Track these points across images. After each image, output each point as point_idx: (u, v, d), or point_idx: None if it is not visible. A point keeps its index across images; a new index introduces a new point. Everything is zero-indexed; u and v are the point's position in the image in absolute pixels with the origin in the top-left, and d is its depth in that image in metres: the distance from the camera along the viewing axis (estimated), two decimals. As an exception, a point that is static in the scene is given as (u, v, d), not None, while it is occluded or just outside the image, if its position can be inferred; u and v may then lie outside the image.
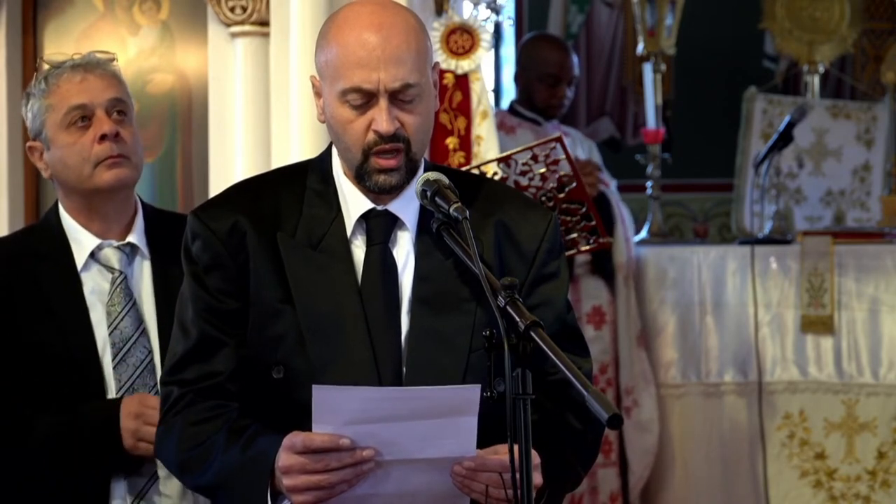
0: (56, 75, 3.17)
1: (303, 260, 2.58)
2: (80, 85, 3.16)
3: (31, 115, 3.21)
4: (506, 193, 2.77)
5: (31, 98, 3.21)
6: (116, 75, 3.22)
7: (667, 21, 6.56)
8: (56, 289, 3.14)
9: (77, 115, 3.15)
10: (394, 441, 2.37)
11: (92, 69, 3.18)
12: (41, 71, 3.22)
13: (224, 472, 2.52)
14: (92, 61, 3.20)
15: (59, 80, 3.16)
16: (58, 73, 3.17)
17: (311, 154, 2.89)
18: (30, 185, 4.86)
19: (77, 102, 3.15)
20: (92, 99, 3.16)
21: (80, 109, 3.15)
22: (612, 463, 5.95)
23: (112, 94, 3.17)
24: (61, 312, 3.13)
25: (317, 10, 4.53)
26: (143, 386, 3.14)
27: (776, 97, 7.02)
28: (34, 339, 3.11)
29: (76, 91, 3.15)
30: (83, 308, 3.15)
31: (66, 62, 3.19)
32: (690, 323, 6.00)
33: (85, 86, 3.16)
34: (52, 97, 3.17)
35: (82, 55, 3.22)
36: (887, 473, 5.78)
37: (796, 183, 6.70)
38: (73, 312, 3.14)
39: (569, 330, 2.68)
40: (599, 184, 5.87)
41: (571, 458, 2.61)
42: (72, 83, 3.16)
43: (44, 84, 3.18)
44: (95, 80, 3.17)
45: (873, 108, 6.85)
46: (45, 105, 3.17)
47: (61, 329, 3.12)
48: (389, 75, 2.51)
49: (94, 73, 3.18)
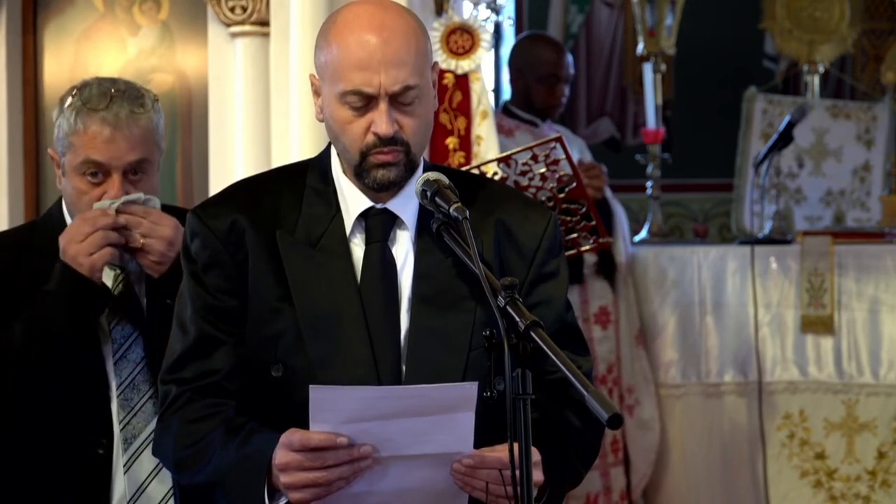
0: (88, 116, 3.10)
1: (302, 258, 2.59)
2: (105, 143, 3.10)
3: (57, 132, 3.16)
4: (505, 193, 2.77)
5: (62, 116, 3.14)
6: (148, 130, 3.14)
7: (667, 21, 6.56)
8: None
9: (92, 168, 3.12)
10: (391, 438, 2.37)
11: (123, 127, 3.10)
12: (82, 91, 3.14)
13: (221, 469, 2.52)
14: (125, 117, 3.11)
15: (88, 125, 3.10)
16: (90, 115, 3.10)
17: (310, 153, 2.90)
18: (30, 185, 4.86)
19: (96, 159, 3.11)
20: (111, 160, 3.11)
21: (97, 166, 3.12)
22: (620, 462, 5.96)
23: (134, 156, 3.12)
24: None
25: (317, 10, 4.53)
26: (144, 382, 3.15)
27: (776, 97, 7.02)
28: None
29: (99, 147, 3.10)
30: None
31: (102, 104, 3.10)
32: (690, 323, 6.00)
33: (109, 145, 3.10)
34: (77, 139, 3.12)
35: (122, 92, 3.12)
36: (887, 473, 5.78)
37: (796, 183, 6.71)
38: None
39: (568, 329, 2.68)
40: (605, 185, 5.86)
41: (572, 456, 2.61)
42: (98, 137, 3.10)
43: (74, 118, 3.11)
44: (122, 141, 3.10)
45: (873, 108, 6.86)
46: (69, 142, 3.13)
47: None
48: (389, 78, 2.51)
49: (123, 133, 3.10)
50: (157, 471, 3.14)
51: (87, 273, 3.07)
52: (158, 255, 3.10)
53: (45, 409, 3.13)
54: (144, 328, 3.15)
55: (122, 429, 3.14)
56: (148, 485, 3.15)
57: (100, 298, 3.11)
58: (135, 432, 3.15)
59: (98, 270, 3.08)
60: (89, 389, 3.13)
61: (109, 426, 3.14)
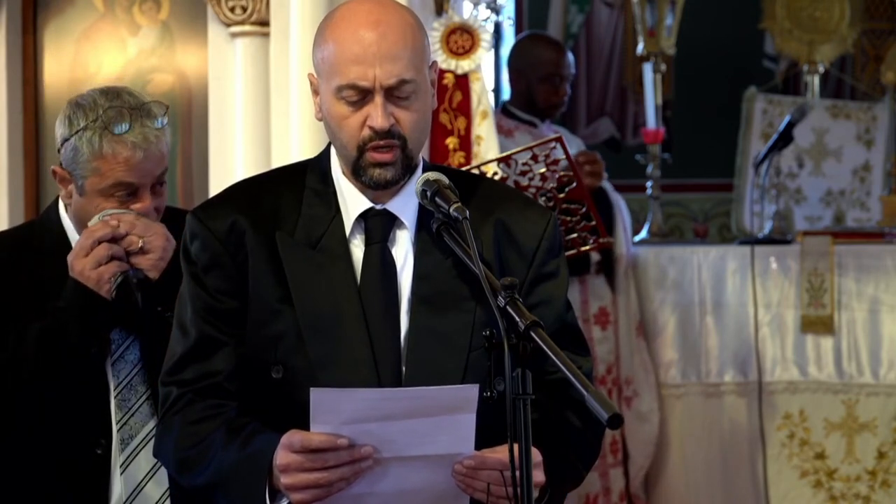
0: (116, 142, 3.08)
1: (302, 259, 2.59)
2: (137, 165, 3.10)
3: (71, 154, 3.13)
4: (505, 193, 2.77)
5: (77, 139, 3.11)
6: (168, 143, 3.16)
7: (667, 21, 6.56)
8: (55, 284, 3.13)
9: (124, 190, 3.12)
10: (392, 439, 2.37)
11: (152, 147, 3.10)
12: (94, 111, 3.11)
13: (222, 470, 2.52)
14: (153, 138, 3.10)
15: (118, 150, 3.08)
16: (118, 141, 3.08)
17: (310, 153, 2.90)
18: (30, 185, 4.86)
19: (128, 181, 3.11)
20: (142, 178, 3.12)
21: (128, 187, 3.12)
22: (619, 462, 5.96)
23: (160, 169, 3.15)
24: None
25: (317, 10, 4.53)
26: (141, 383, 3.15)
27: (776, 97, 7.02)
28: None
29: (132, 168, 3.10)
30: None
31: (126, 127, 3.08)
32: (690, 323, 6.00)
33: (140, 166, 3.10)
34: (104, 163, 3.10)
35: (137, 110, 3.11)
36: (887, 473, 5.78)
37: (796, 183, 6.71)
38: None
39: (569, 329, 2.68)
40: (603, 170, 5.86)
41: (572, 456, 2.61)
42: (130, 161, 3.09)
43: (98, 143, 3.09)
44: (151, 160, 3.11)
45: (873, 108, 6.86)
46: (93, 166, 3.10)
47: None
48: (385, 72, 2.51)
49: (153, 152, 3.10)
50: (154, 472, 3.14)
51: (94, 286, 3.07)
52: (161, 251, 3.10)
53: (45, 409, 3.13)
54: (141, 332, 3.15)
55: (120, 429, 3.14)
56: (144, 486, 3.15)
57: (109, 313, 3.11)
58: (132, 433, 3.14)
59: (105, 283, 3.08)
60: (89, 389, 3.13)
61: (108, 426, 3.14)
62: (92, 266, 3.07)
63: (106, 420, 3.14)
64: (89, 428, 3.14)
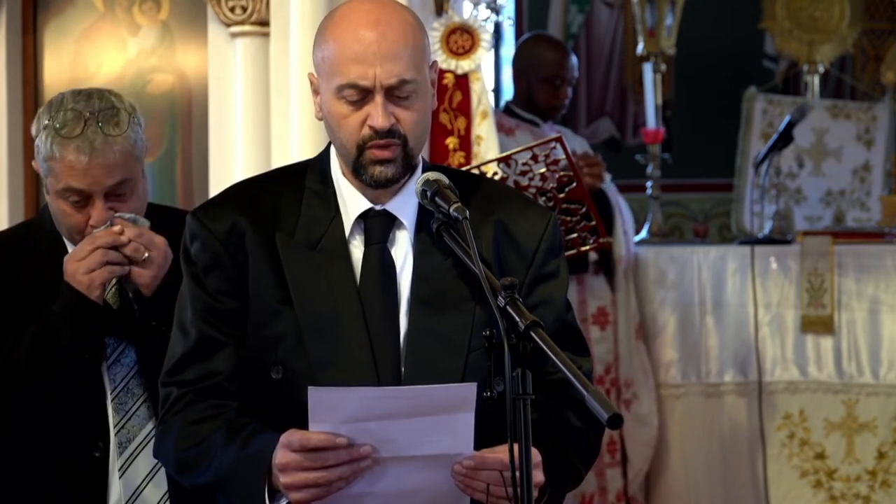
0: (62, 144, 3.04)
1: (302, 260, 2.59)
2: (83, 171, 3.04)
3: (36, 150, 3.11)
4: (505, 193, 2.78)
5: (39, 138, 3.09)
6: (125, 151, 3.07)
7: (667, 21, 6.56)
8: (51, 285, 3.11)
9: (74, 196, 3.08)
10: (391, 438, 2.37)
11: (98, 154, 3.04)
12: (57, 114, 3.07)
13: (222, 470, 2.52)
14: (100, 144, 3.04)
15: (64, 154, 3.04)
16: (64, 144, 3.04)
17: (310, 153, 2.90)
18: (30, 185, 4.86)
19: (76, 186, 3.07)
20: (91, 185, 3.06)
21: (78, 193, 3.08)
22: (617, 462, 5.96)
23: (113, 180, 3.07)
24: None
25: (317, 10, 4.53)
26: (137, 386, 3.15)
27: (776, 97, 7.02)
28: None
29: (78, 174, 3.05)
30: None
31: (76, 130, 3.04)
32: (690, 323, 6.00)
33: (87, 173, 3.05)
34: (55, 165, 3.07)
35: (97, 114, 3.06)
36: (887, 473, 5.78)
37: (796, 183, 6.71)
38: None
39: (568, 329, 2.68)
40: (603, 171, 5.86)
41: (572, 456, 2.61)
42: (75, 166, 3.04)
43: (50, 145, 3.05)
44: (99, 168, 3.05)
45: (873, 108, 6.86)
46: (48, 166, 3.08)
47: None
48: (385, 71, 2.51)
49: (99, 160, 3.04)
50: (153, 475, 3.14)
51: (84, 290, 3.05)
52: (157, 269, 3.08)
53: (44, 411, 3.12)
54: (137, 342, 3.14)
55: (117, 432, 3.14)
56: (143, 489, 3.14)
57: (102, 318, 3.09)
58: (129, 436, 3.14)
59: (96, 288, 3.06)
60: (86, 391, 3.13)
61: (106, 429, 3.14)
62: (84, 271, 3.06)
63: (104, 423, 3.14)
64: (87, 430, 3.13)
